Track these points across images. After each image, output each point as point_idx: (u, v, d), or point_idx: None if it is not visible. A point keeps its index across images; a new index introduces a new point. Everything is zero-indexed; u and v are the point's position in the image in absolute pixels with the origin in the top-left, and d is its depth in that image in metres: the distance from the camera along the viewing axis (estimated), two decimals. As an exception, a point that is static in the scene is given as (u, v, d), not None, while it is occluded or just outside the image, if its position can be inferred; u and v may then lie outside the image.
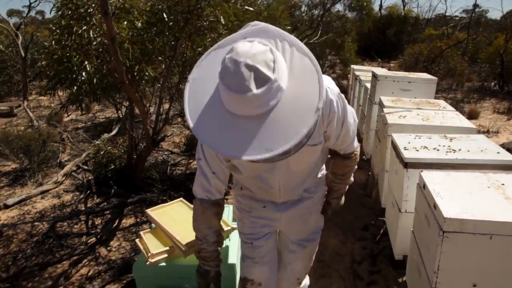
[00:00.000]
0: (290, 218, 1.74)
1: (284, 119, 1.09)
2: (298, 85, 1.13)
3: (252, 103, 1.07)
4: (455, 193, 1.72)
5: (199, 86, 1.20)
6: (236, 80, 1.06)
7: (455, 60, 11.66)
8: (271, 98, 1.08)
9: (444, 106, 3.42)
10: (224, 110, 1.12)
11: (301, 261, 1.87)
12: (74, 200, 4.08)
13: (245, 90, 1.05)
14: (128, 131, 4.07)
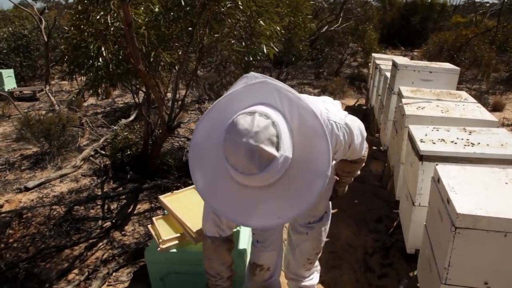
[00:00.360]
0: None
1: (292, 188, 1.10)
2: (304, 147, 1.11)
3: (260, 181, 1.07)
4: (470, 188, 1.66)
5: (203, 151, 1.18)
6: (241, 162, 1.04)
7: (482, 49, 11.22)
8: (278, 172, 1.07)
9: (465, 98, 3.31)
10: (231, 179, 1.11)
11: (309, 242, 1.91)
12: (91, 185, 4.16)
13: (250, 173, 1.04)
14: (144, 117, 4.10)
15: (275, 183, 1.09)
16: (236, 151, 1.03)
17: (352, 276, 2.71)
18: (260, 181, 1.07)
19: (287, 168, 1.09)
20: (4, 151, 5.21)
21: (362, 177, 4.34)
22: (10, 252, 3.00)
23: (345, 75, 11.67)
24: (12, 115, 6.96)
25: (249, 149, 1.02)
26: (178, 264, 2.24)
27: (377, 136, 5.46)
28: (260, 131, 1.03)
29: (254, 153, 1.02)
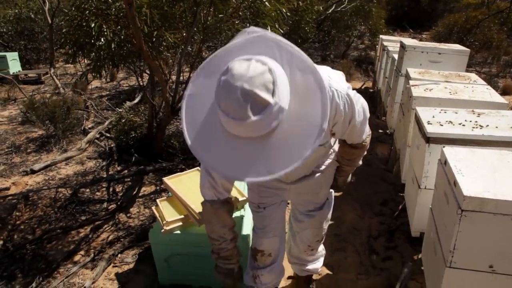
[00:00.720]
0: (299, 190, 1.76)
1: (287, 141, 1.04)
2: (300, 103, 1.06)
3: (251, 129, 1.01)
4: (477, 171, 1.63)
5: (196, 102, 1.13)
6: (233, 106, 0.99)
7: (492, 31, 10.97)
8: (272, 121, 1.02)
9: (475, 80, 3.23)
10: (223, 131, 1.07)
11: (310, 229, 1.89)
12: (96, 167, 4.18)
13: (243, 118, 0.99)
14: (148, 100, 4.08)
15: (268, 136, 1.04)
16: (228, 95, 0.99)
17: (356, 258, 2.71)
18: (251, 128, 1.01)
19: (281, 121, 1.03)
20: (10, 134, 5.23)
21: (368, 160, 4.31)
22: (17, 233, 3.04)
23: (352, 57, 11.50)
24: (18, 98, 6.96)
25: (243, 93, 0.97)
26: (182, 246, 2.25)
27: (383, 119, 5.40)
28: (256, 76, 0.98)
29: (247, 97, 0.98)
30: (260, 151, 1.04)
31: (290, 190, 1.77)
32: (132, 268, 2.62)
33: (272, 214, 1.82)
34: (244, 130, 1.02)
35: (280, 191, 1.79)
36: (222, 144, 1.07)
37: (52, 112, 4.82)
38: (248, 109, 0.98)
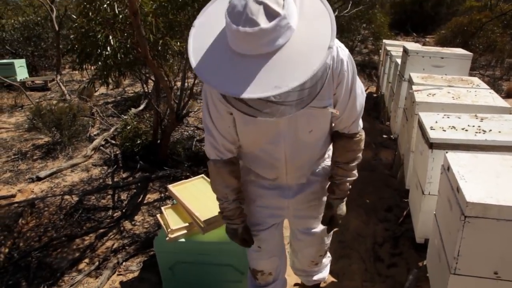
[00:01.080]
0: (297, 206, 1.68)
1: (294, 58, 1.03)
2: (308, 26, 1.07)
3: (260, 39, 1.01)
4: (480, 177, 1.63)
5: (204, 29, 1.15)
6: (244, 14, 1.00)
7: (496, 33, 10.95)
8: (280, 35, 1.02)
9: (478, 84, 3.23)
10: (230, 51, 1.07)
11: (311, 247, 1.85)
12: (101, 174, 4.21)
13: (253, 24, 0.99)
14: (153, 106, 4.11)
15: (274, 54, 1.03)
16: (240, 5, 1.01)
17: (361, 265, 2.70)
18: (260, 41, 1.01)
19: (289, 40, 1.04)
20: (16, 141, 5.29)
21: (372, 166, 4.31)
22: (22, 241, 3.06)
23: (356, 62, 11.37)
24: (24, 105, 7.04)
25: (255, 1, 1.00)
26: (186, 254, 2.26)
27: (387, 124, 5.40)
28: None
29: (259, 5, 1.00)
30: (268, 68, 1.03)
31: (289, 208, 1.69)
32: (137, 276, 2.63)
33: (269, 237, 1.74)
34: (252, 43, 1.02)
35: (279, 210, 1.70)
36: (228, 65, 1.06)
37: (58, 119, 4.87)
38: (259, 17, 0.99)
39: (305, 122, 1.38)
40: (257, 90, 1.01)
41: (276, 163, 1.53)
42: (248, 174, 1.66)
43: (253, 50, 1.03)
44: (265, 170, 1.60)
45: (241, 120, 1.38)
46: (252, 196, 1.69)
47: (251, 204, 1.70)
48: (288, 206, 1.68)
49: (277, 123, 1.37)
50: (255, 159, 1.57)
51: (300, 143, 1.45)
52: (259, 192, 1.66)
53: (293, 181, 1.62)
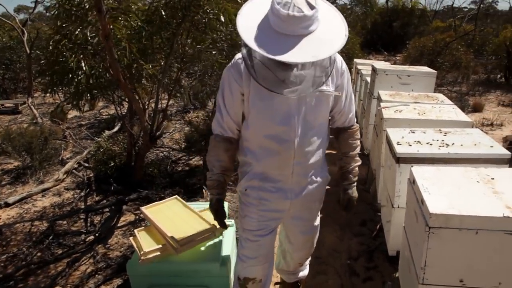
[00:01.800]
0: (297, 207, 1.81)
1: (323, 40, 1.43)
2: (328, 21, 1.48)
3: (302, 23, 1.39)
4: (443, 188, 1.70)
5: (250, 14, 1.49)
6: (292, 4, 1.38)
7: (461, 52, 11.48)
8: (313, 23, 1.41)
9: (442, 100, 3.38)
10: (273, 32, 1.41)
11: (302, 251, 2.01)
12: (74, 198, 4.11)
13: (300, 11, 1.38)
14: (127, 128, 4.09)
15: (308, 35, 1.41)
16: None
17: (337, 281, 2.72)
18: (301, 24, 1.39)
19: (317, 28, 1.43)
20: (-16, 167, 5.12)
21: (346, 181, 4.38)
22: (-10, 270, 2.95)
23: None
24: (-6, 129, 6.85)
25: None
26: (161, 276, 2.22)
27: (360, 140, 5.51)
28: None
29: (302, 0, 1.41)
30: (305, 44, 1.39)
31: (290, 210, 1.81)
32: (111, 301, 2.56)
33: (267, 243, 1.86)
34: (294, 24, 1.39)
35: (279, 213, 1.82)
36: (275, 41, 1.39)
37: (28, 143, 4.76)
38: (303, 5, 1.39)
39: (312, 105, 1.63)
40: (299, 57, 1.38)
41: (285, 153, 1.67)
42: (251, 179, 1.76)
43: (294, 31, 1.39)
44: (271, 164, 1.71)
45: (257, 96, 1.60)
46: (254, 201, 1.79)
47: (253, 209, 1.81)
48: (289, 208, 1.80)
49: (288, 103, 1.60)
50: (263, 152, 1.69)
51: (308, 125, 1.65)
52: (261, 195, 1.77)
53: (297, 181, 1.76)
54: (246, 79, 1.60)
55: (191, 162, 5.02)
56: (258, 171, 1.75)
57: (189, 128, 5.65)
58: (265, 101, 1.59)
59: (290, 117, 1.62)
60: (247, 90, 1.60)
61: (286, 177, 1.74)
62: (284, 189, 1.76)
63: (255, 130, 1.68)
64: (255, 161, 1.74)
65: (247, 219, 1.85)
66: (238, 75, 1.60)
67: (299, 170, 1.73)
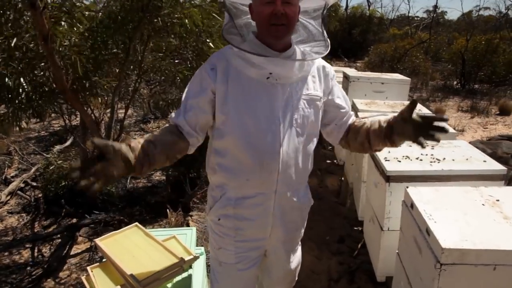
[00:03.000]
0: (279, 234, 1.56)
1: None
2: None
3: None
4: (448, 215, 1.49)
5: None
6: None
7: (420, 59, 11.81)
8: None
9: (419, 109, 3.24)
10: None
11: (283, 286, 1.78)
12: (19, 223, 3.64)
13: None
14: (79, 144, 3.67)
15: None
16: None
17: (319, 308, 2.48)
18: None
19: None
20: None
21: (319, 193, 4.18)
22: None
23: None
24: None
25: None
26: (119, 322, 1.88)
27: (329, 149, 5.36)
28: None
29: None
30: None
31: (271, 237, 1.55)
32: None
33: (248, 277, 1.62)
34: None
35: (259, 242, 1.57)
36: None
37: (-37, 162, 4.22)
38: None
39: (299, 109, 1.42)
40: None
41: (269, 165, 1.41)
42: (225, 206, 1.50)
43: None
44: (251, 180, 1.43)
45: (238, 93, 1.37)
46: (230, 232, 1.54)
47: (229, 241, 1.56)
48: (269, 234, 1.55)
49: (272, 104, 1.38)
50: (241, 165, 1.43)
51: (295, 133, 1.42)
52: (238, 225, 1.52)
53: (279, 203, 1.49)
54: (221, 78, 1.38)
55: (152, 177, 4.64)
56: (232, 195, 1.49)
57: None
58: (246, 100, 1.37)
59: (275, 122, 1.39)
60: (223, 88, 1.37)
61: (267, 199, 1.48)
62: (265, 214, 1.51)
63: (232, 137, 1.40)
64: (230, 180, 1.47)
65: (223, 251, 1.60)
66: (213, 74, 1.38)
67: (283, 188, 1.48)
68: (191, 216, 3.54)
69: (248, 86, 1.37)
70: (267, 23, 1.33)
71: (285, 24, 1.33)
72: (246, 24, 1.49)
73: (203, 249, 2.43)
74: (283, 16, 1.32)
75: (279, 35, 1.35)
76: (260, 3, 1.34)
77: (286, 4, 1.32)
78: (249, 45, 1.39)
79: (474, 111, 8.75)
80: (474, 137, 7.05)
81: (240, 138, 1.39)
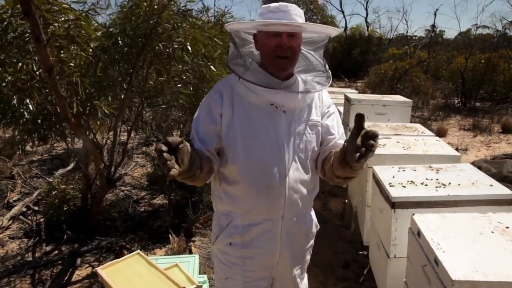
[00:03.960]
0: (287, 261, 1.55)
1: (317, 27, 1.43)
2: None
3: (293, 10, 1.36)
4: (457, 243, 1.46)
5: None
6: (279, 2, 1.37)
7: (420, 78, 11.87)
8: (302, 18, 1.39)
9: (422, 131, 3.24)
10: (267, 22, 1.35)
11: None
12: (20, 249, 3.59)
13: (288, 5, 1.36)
14: (82, 169, 3.66)
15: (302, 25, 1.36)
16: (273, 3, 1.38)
17: (326, 338, 2.41)
18: (293, 11, 1.36)
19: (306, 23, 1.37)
20: None
21: (323, 217, 4.13)
22: None
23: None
24: None
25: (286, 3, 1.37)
26: None
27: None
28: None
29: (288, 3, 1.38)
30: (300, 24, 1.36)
31: (278, 265, 1.54)
32: None
33: None
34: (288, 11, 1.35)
35: (268, 271, 1.55)
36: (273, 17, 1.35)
37: (-34, 187, 4.20)
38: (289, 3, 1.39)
39: (302, 134, 1.44)
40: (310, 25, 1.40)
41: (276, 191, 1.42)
42: (232, 234, 1.50)
43: (288, 18, 1.33)
44: (258, 207, 1.44)
45: (244, 115, 1.40)
46: (238, 261, 1.53)
47: (236, 271, 1.54)
48: (277, 261, 1.54)
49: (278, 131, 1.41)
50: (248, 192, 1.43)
51: (299, 158, 1.45)
52: (246, 253, 1.51)
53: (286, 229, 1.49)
54: (227, 103, 1.41)
55: (154, 201, 4.61)
56: (239, 223, 1.49)
57: (152, 165, 5.25)
58: (251, 125, 1.39)
59: (280, 148, 1.41)
60: (229, 112, 1.40)
61: (275, 225, 1.48)
62: (273, 239, 1.50)
63: (238, 162, 1.41)
64: (236, 207, 1.48)
65: (231, 281, 1.57)
66: (219, 98, 1.42)
67: (290, 213, 1.48)
68: (194, 242, 3.50)
69: (252, 112, 1.40)
70: (272, 54, 1.37)
71: (290, 56, 1.37)
72: (249, 52, 1.51)
73: (206, 277, 2.39)
74: (288, 49, 1.35)
75: (283, 67, 1.38)
76: (266, 35, 1.36)
77: (291, 37, 1.35)
78: (253, 74, 1.41)
79: (477, 130, 8.74)
80: (478, 156, 7.01)
81: (246, 163, 1.40)
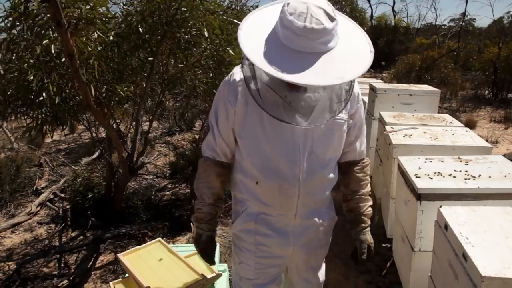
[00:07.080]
0: (302, 254, 1.55)
1: (346, 58, 1.19)
2: (347, 36, 1.23)
3: (321, 37, 1.15)
4: (487, 238, 1.39)
5: (253, 28, 1.24)
6: (308, 15, 1.14)
7: (448, 69, 11.48)
8: (332, 38, 1.18)
9: (451, 122, 3.11)
10: (284, 47, 1.17)
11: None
12: (48, 234, 3.70)
13: (318, 23, 1.14)
14: (105, 157, 3.71)
15: (327, 53, 1.17)
16: (302, 8, 1.15)
17: (346, 330, 2.38)
18: (319, 39, 1.14)
19: (337, 45, 1.19)
20: None
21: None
22: None
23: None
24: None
25: (315, 6, 1.16)
26: None
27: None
28: (319, 1, 1.19)
29: (319, 11, 1.16)
30: (326, 63, 1.15)
31: (292, 255, 1.54)
32: None
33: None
34: (314, 38, 1.14)
35: (280, 259, 1.56)
36: (287, 59, 1.15)
37: (-3, 173, 4.34)
38: (321, 17, 1.15)
39: (321, 135, 1.39)
40: (322, 80, 1.13)
41: (288, 191, 1.41)
42: (246, 221, 1.51)
43: (311, 48, 1.15)
44: (271, 204, 1.45)
45: (256, 121, 1.36)
46: (250, 247, 1.54)
47: (250, 256, 1.56)
48: (291, 254, 1.55)
49: (292, 132, 1.36)
50: (261, 189, 1.44)
51: (315, 160, 1.41)
52: (258, 240, 1.52)
53: (300, 224, 1.49)
54: (242, 101, 1.37)
55: (177, 190, 4.65)
56: (253, 211, 1.49)
57: (175, 154, 5.29)
58: (265, 128, 1.36)
59: (295, 149, 1.38)
60: (243, 109, 1.37)
61: (288, 219, 1.48)
62: (286, 233, 1.50)
63: (250, 161, 1.42)
64: (251, 199, 1.48)
65: (243, 265, 1.59)
66: (233, 96, 1.38)
67: (303, 211, 1.47)
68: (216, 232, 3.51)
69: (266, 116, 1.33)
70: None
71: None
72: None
73: (226, 265, 2.39)
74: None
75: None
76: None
77: None
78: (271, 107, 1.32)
79: (508, 122, 8.40)
80: (509, 149, 6.75)
81: (259, 162, 1.40)
